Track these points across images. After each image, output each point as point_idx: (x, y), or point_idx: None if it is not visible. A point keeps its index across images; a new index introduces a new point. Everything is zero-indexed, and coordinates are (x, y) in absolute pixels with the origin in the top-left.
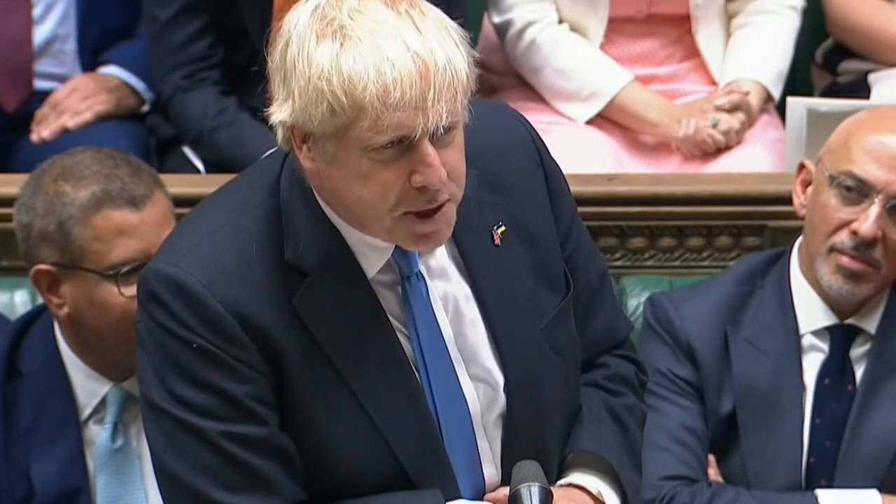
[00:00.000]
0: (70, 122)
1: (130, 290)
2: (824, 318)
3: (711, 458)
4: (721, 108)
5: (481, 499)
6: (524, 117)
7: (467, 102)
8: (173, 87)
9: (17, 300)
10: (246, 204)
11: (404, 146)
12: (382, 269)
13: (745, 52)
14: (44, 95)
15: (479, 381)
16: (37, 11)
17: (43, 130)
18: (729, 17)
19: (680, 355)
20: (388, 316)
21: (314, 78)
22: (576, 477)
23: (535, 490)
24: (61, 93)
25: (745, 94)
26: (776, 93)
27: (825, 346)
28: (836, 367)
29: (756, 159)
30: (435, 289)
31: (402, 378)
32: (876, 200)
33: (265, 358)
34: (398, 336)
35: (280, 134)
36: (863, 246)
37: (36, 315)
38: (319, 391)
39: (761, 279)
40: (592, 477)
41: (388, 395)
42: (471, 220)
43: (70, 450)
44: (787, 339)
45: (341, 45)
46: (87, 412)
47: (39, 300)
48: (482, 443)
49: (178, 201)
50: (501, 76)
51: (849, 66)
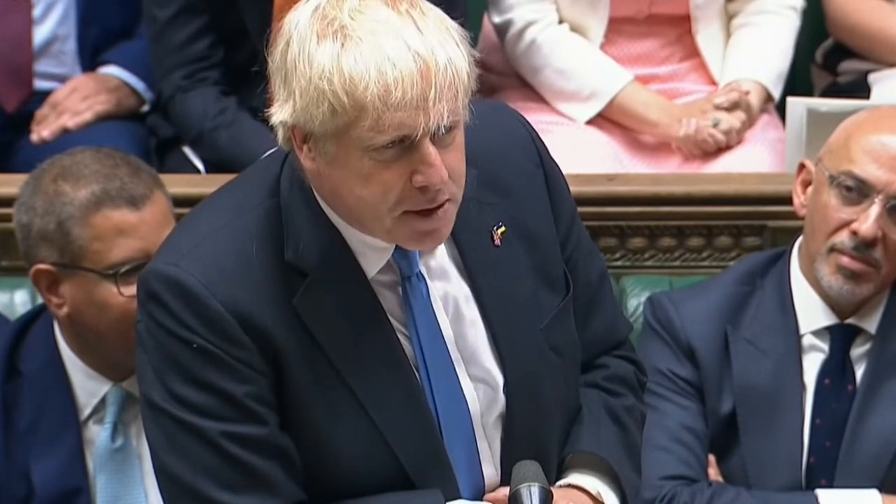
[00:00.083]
0: (70, 122)
1: (130, 290)
2: (824, 318)
3: (711, 457)
4: (720, 107)
5: (481, 499)
6: (524, 117)
7: (468, 102)
8: (173, 87)
9: (17, 300)
10: (246, 204)
11: (405, 146)
12: (383, 269)
13: (745, 52)
14: (44, 95)
15: (478, 382)
16: (37, 11)
17: (43, 130)
18: (729, 17)
19: (680, 355)
20: (388, 316)
21: (315, 78)
22: (575, 477)
23: (535, 490)
24: (61, 93)
25: (745, 93)
26: (776, 93)
27: (825, 346)
28: (836, 367)
29: (756, 159)
30: (435, 289)
31: (402, 378)
32: (876, 200)
33: (265, 358)
34: (398, 336)
35: (280, 134)
36: (863, 246)
37: (36, 315)
38: (319, 391)
39: (761, 279)
40: (592, 477)
41: (389, 395)
42: (470, 221)
43: (70, 449)
44: (788, 338)
45: (342, 45)
46: (86, 412)
47: (39, 300)
48: (482, 443)
49: (178, 201)
50: (501, 76)
51: (849, 66)
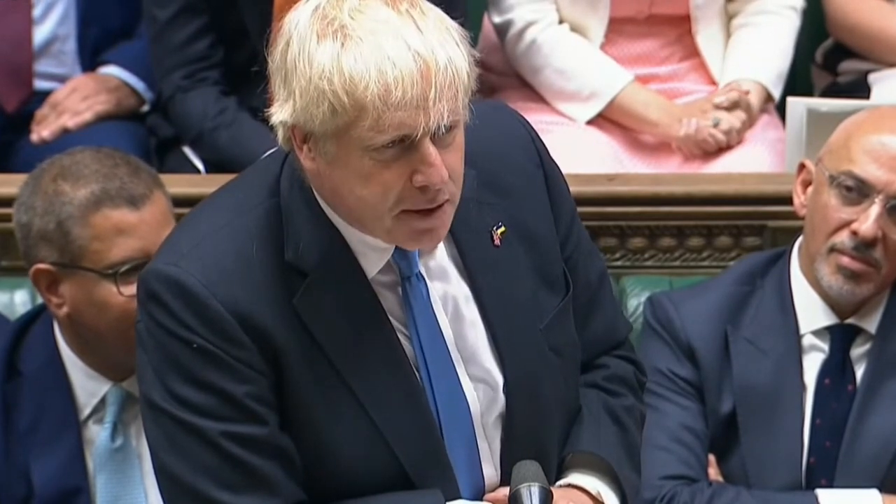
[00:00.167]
0: (70, 122)
1: (130, 290)
2: (824, 318)
3: (711, 457)
4: (720, 107)
5: (481, 499)
6: (524, 117)
7: (468, 102)
8: (173, 87)
9: (17, 300)
10: (246, 204)
11: (405, 146)
12: (383, 269)
13: (746, 53)
14: (44, 95)
15: (478, 382)
16: (37, 11)
17: (43, 130)
18: (729, 17)
19: (680, 355)
20: (388, 316)
21: (315, 78)
22: (575, 477)
23: (535, 490)
24: (61, 93)
25: (745, 92)
26: (776, 93)
27: (825, 346)
28: (836, 367)
29: (756, 159)
30: (435, 289)
31: (402, 378)
32: (876, 200)
33: (265, 358)
34: (398, 336)
35: (280, 134)
36: (863, 246)
37: (36, 315)
38: (319, 391)
39: (761, 279)
40: (591, 477)
41: (389, 395)
42: (470, 221)
43: (70, 449)
44: (788, 338)
45: (342, 44)
46: (86, 412)
47: (39, 300)
48: (482, 443)
49: (178, 201)
50: (501, 76)
51: (849, 66)
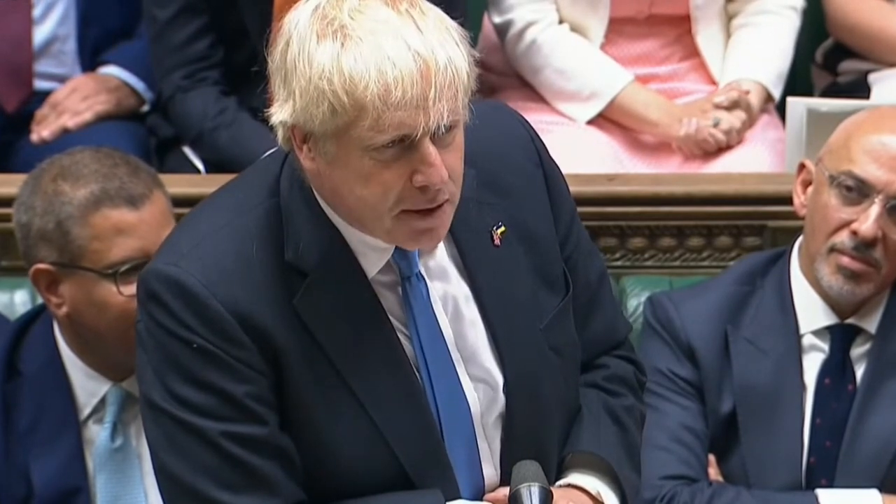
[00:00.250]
0: (70, 122)
1: (129, 290)
2: (824, 318)
3: (712, 457)
4: (720, 106)
5: (481, 499)
6: (524, 117)
7: (468, 102)
8: (173, 87)
9: (17, 300)
10: (246, 204)
11: (405, 146)
12: (383, 269)
13: (746, 53)
14: (44, 95)
15: (478, 382)
16: (37, 11)
17: (43, 130)
18: (729, 17)
19: (680, 355)
20: (388, 316)
21: (315, 78)
22: (575, 477)
23: (535, 490)
24: (61, 93)
25: (745, 92)
26: (776, 93)
27: (825, 346)
28: (836, 367)
29: (756, 159)
30: (435, 289)
31: (402, 378)
32: (876, 200)
33: (265, 358)
34: (398, 336)
35: (280, 134)
36: (863, 246)
37: (36, 315)
38: (319, 391)
39: (761, 279)
40: (591, 477)
41: (389, 395)
42: (470, 221)
43: (69, 449)
44: (788, 338)
45: (342, 44)
46: (86, 412)
47: (39, 300)
48: (482, 443)
49: (178, 201)
50: (501, 76)
51: (849, 66)
